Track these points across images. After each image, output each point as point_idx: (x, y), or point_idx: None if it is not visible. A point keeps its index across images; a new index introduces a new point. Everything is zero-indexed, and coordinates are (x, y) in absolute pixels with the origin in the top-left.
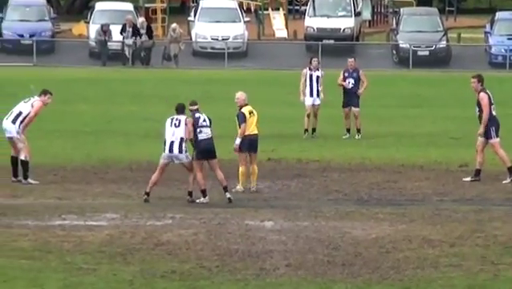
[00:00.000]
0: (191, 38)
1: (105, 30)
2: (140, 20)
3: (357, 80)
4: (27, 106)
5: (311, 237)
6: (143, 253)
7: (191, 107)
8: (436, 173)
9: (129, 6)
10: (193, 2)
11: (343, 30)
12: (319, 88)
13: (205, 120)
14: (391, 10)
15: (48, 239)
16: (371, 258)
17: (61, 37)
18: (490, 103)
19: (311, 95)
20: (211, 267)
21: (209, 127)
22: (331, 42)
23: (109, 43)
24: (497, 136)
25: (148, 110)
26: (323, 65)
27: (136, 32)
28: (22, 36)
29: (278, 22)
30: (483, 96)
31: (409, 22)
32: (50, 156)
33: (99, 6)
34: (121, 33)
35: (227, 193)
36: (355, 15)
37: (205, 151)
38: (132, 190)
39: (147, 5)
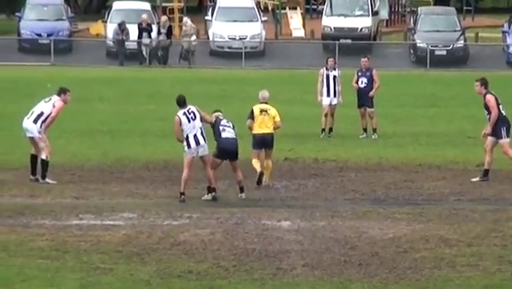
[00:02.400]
0: (208, 38)
1: (122, 29)
2: (163, 19)
3: (370, 80)
4: (49, 106)
5: (328, 236)
6: (160, 253)
7: (216, 114)
8: (454, 173)
9: (146, 6)
10: (211, 2)
11: (361, 29)
12: (337, 88)
13: (228, 122)
14: (408, 10)
15: (65, 239)
16: (388, 257)
17: (78, 36)
18: (498, 104)
19: (328, 95)
20: (228, 267)
21: (233, 128)
22: (349, 41)
23: (126, 43)
24: (508, 136)
25: (165, 109)
26: (339, 64)
27: (148, 31)
28: (39, 35)
29: (295, 21)
30: (489, 98)
31: (427, 21)
32: (67, 156)
33: (116, 5)
34: (140, 34)
35: (242, 194)
36: (373, 14)
37: (227, 150)
38: (148, 190)
39: (164, 4)
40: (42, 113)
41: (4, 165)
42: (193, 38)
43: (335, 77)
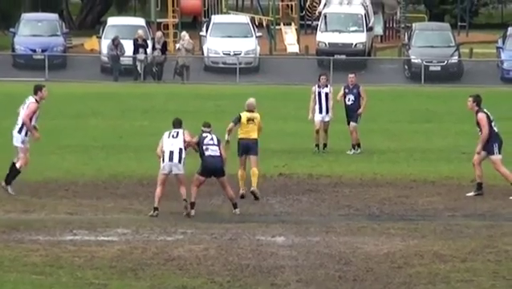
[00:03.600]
0: (203, 53)
1: (116, 44)
2: (158, 34)
3: (357, 96)
4: (23, 110)
5: (322, 252)
6: (154, 268)
7: (203, 128)
8: (448, 189)
9: (141, 21)
10: (205, 17)
11: (355, 45)
12: (329, 105)
13: (212, 139)
14: (403, 25)
15: (59, 254)
16: (383, 273)
17: (73, 52)
18: (490, 121)
19: (320, 111)
20: (222, 283)
21: (217, 146)
22: (343, 57)
23: (121, 58)
24: (500, 152)
25: (160, 125)
26: (334, 80)
27: (144, 46)
28: (34, 51)
29: (289, 37)
30: (481, 117)
31: (421, 37)
32: (61, 171)
33: (111, 21)
34: (136, 50)
35: (236, 210)
36: (367, 30)
37: (210, 169)
38: (143, 205)
39: (159, 20)
40: (22, 122)
41: None
42: (182, 49)
43: (327, 94)
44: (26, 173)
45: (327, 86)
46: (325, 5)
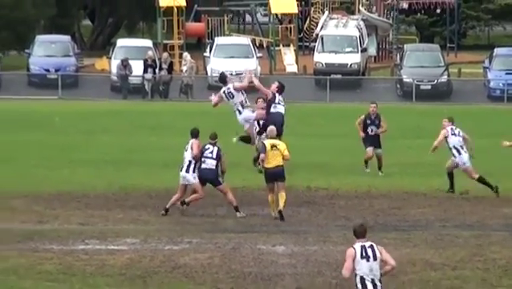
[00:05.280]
0: (206, 73)
1: (125, 65)
2: (165, 55)
3: (378, 127)
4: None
5: (320, 260)
6: (161, 276)
7: (209, 140)
8: (439, 200)
9: (148, 43)
10: (209, 39)
11: (350, 65)
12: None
13: (211, 152)
14: (395, 46)
15: (72, 263)
16: None
17: (84, 71)
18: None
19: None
20: None
21: (214, 159)
22: (339, 76)
23: (130, 78)
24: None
25: (167, 141)
26: (331, 98)
27: (153, 67)
28: (48, 71)
29: (288, 57)
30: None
31: (412, 57)
32: (74, 185)
33: (120, 42)
34: (146, 70)
35: (238, 213)
36: (362, 51)
37: (202, 179)
38: (151, 216)
39: (165, 41)
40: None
41: (14, 193)
42: (185, 69)
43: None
44: (40, 186)
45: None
46: (322, 27)
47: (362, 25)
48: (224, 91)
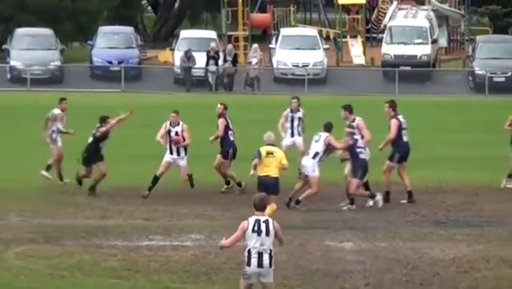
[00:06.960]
0: (272, 65)
1: (189, 56)
2: (229, 47)
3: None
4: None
5: (389, 257)
6: (226, 272)
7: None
8: None
9: (213, 34)
10: (274, 30)
11: (420, 56)
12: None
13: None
14: (467, 38)
15: (136, 259)
16: (449, 277)
17: (147, 64)
18: (400, 130)
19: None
20: (293, 286)
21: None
22: (408, 68)
23: (193, 70)
24: (399, 162)
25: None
26: (400, 91)
27: (216, 58)
28: (110, 63)
29: (356, 49)
30: (394, 122)
31: (485, 49)
32: (139, 179)
33: (183, 33)
34: (208, 61)
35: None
36: (432, 42)
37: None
38: (216, 211)
39: (229, 33)
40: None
41: (77, 189)
42: (254, 61)
43: (300, 118)
44: (104, 181)
45: (299, 110)
46: (390, 18)
47: (432, 15)
48: None
